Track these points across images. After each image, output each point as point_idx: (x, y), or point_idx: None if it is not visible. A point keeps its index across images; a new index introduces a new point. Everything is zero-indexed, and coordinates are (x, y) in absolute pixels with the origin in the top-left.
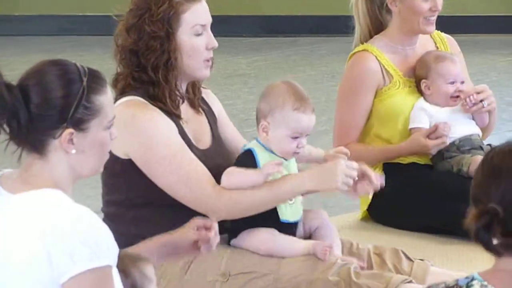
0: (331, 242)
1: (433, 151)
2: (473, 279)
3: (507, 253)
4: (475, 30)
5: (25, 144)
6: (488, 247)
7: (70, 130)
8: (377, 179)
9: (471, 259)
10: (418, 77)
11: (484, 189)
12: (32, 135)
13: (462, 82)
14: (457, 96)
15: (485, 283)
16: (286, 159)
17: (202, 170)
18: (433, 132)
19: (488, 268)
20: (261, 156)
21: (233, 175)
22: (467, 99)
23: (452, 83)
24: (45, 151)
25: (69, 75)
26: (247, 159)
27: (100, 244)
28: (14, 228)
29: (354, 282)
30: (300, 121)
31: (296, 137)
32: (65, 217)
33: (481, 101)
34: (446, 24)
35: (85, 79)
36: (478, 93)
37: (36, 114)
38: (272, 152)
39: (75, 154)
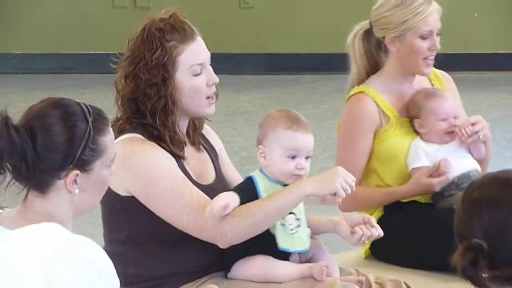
0: (327, 263)
1: (438, 189)
2: None
3: (495, 286)
4: (478, 67)
5: (28, 184)
6: (476, 283)
7: (76, 171)
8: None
9: None
10: (412, 117)
11: (466, 225)
12: (37, 176)
13: (455, 117)
14: (452, 132)
15: None
16: (287, 185)
17: (204, 199)
18: (435, 171)
19: None
20: (261, 183)
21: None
22: (462, 131)
23: (444, 119)
24: (48, 191)
25: (73, 118)
26: (247, 186)
27: (104, 274)
28: (14, 262)
29: None
30: (293, 139)
31: (293, 157)
32: (66, 246)
33: (476, 132)
34: (448, 61)
35: (90, 120)
36: (472, 124)
37: (43, 155)
38: (273, 181)
39: (77, 194)
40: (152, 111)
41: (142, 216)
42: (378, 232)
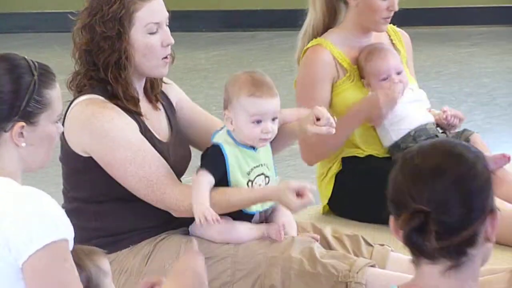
0: (284, 222)
1: (385, 110)
2: None
3: (438, 258)
4: (436, 22)
5: None
6: (422, 252)
7: (21, 123)
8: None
9: None
10: (360, 75)
11: (406, 191)
12: None
13: (398, 73)
14: (398, 92)
15: None
16: (255, 149)
17: (164, 171)
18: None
19: (407, 282)
20: (230, 153)
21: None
22: (449, 120)
23: (385, 79)
24: None
25: (19, 70)
26: (216, 156)
27: (54, 220)
28: None
29: (319, 261)
30: (256, 105)
31: (259, 121)
32: (15, 200)
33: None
34: (408, 16)
35: (36, 74)
36: (460, 119)
37: None
38: (241, 145)
39: (25, 147)
40: (105, 64)
41: (103, 176)
42: (310, 199)
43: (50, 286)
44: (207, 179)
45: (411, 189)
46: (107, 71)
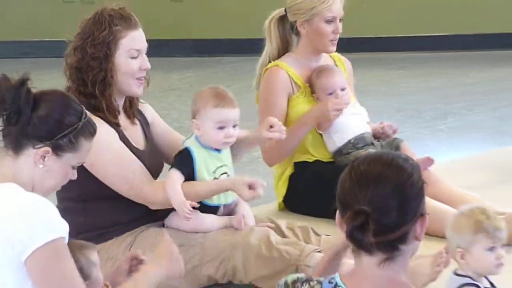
0: (244, 214)
1: (332, 114)
2: (336, 285)
3: (374, 252)
4: (369, 49)
5: (8, 138)
6: (361, 245)
7: (48, 149)
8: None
9: None
10: (312, 91)
11: (352, 194)
12: (19, 135)
13: (342, 89)
14: (345, 104)
15: (343, 282)
16: (220, 151)
17: (140, 170)
18: (336, 103)
19: (348, 271)
20: (198, 154)
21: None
22: (386, 130)
23: (331, 93)
24: (20, 153)
25: (72, 110)
26: (185, 157)
27: (52, 221)
28: None
29: (274, 246)
30: (220, 114)
31: (222, 128)
32: (20, 204)
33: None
34: (346, 44)
35: (82, 121)
36: (394, 131)
37: (33, 121)
38: (206, 147)
39: (41, 169)
40: (93, 81)
41: (88, 178)
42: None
43: (53, 279)
44: (178, 176)
45: (356, 192)
46: (94, 87)
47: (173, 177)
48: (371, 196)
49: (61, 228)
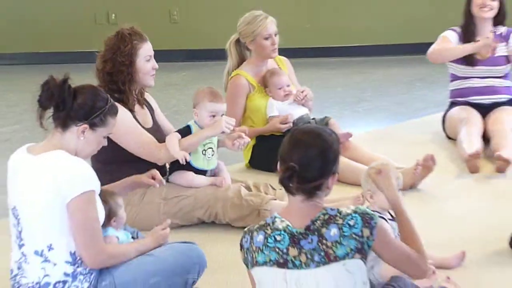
0: (224, 176)
1: (284, 130)
2: (275, 217)
3: (298, 194)
4: (310, 55)
5: (57, 121)
6: (288, 189)
7: (86, 126)
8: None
9: None
10: (265, 87)
11: (288, 153)
12: (65, 117)
13: (288, 85)
14: (287, 94)
15: (283, 219)
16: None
17: (149, 138)
18: (284, 120)
19: (284, 208)
20: (194, 130)
21: (171, 139)
22: (298, 96)
23: (280, 88)
24: (66, 129)
25: (100, 97)
26: (186, 130)
27: (86, 178)
28: (39, 176)
29: (243, 198)
30: (213, 107)
31: (214, 116)
32: (66, 163)
33: (305, 95)
34: (291, 52)
35: (108, 105)
36: (302, 91)
37: (75, 107)
38: (201, 128)
39: (81, 140)
40: (122, 81)
41: (112, 146)
42: (246, 140)
43: (82, 219)
44: (175, 135)
45: (290, 152)
46: (124, 85)
47: (172, 136)
48: (300, 157)
49: (93, 183)
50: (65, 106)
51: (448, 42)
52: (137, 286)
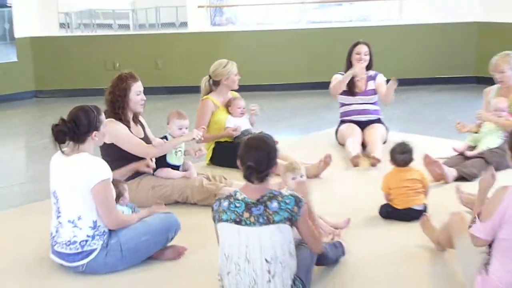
0: (192, 171)
1: (234, 137)
2: (236, 192)
3: (255, 181)
4: (252, 90)
5: (75, 140)
6: (249, 180)
7: (94, 132)
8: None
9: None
10: (227, 106)
11: (245, 155)
12: (78, 138)
13: (244, 107)
14: (242, 113)
15: (242, 193)
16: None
17: (139, 141)
18: (235, 129)
19: (243, 187)
20: (170, 138)
21: (162, 146)
22: (253, 106)
23: (239, 108)
24: (85, 141)
25: (87, 109)
26: (164, 137)
27: (103, 170)
28: (72, 172)
29: (204, 186)
30: (179, 122)
31: (180, 128)
32: (90, 162)
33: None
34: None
35: (95, 112)
36: (254, 105)
37: (81, 130)
38: (173, 137)
39: (95, 141)
40: (118, 107)
41: (115, 149)
42: (203, 152)
43: (103, 198)
44: (161, 140)
45: (246, 154)
46: (119, 110)
47: (161, 141)
48: (254, 158)
49: (108, 173)
50: (75, 135)
51: (336, 79)
52: (134, 242)
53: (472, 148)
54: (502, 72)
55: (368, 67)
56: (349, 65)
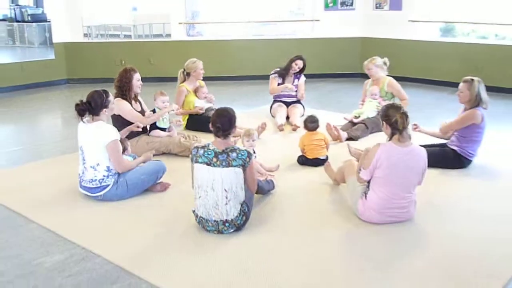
0: (174, 132)
1: (200, 113)
2: (209, 144)
3: (221, 137)
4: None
5: (91, 113)
6: (217, 136)
7: (106, 109)
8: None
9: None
10: (195, 92)
11: (216, 119)
12: (94, 113)
13: (207, 93)
14: (205, 97)
15: (213, 145)
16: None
17: (137, 113)
18: (200, 107)
19: (214, 141)
20: (157, 110)
21: (152, 116)
22: (209, 96)
23: (203, 93)
24: (99, 114)
25: (100, 93)
26: (154, 110)
27: (114, 132)
28: (92, 134)
29: (181, 142)
30: (163, 98)
31: (163, 102)
32: (104, 127)
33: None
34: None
35: (105, 96)
36: (210, 95)
37: (95, 108)
38: (160, 109)
39: (106, 114)
40: (124, 90)
41: (121, 119)
42: (181, 123)
43: (114, 152)
44: (150, 112)
45: (216, 119)
46: (126, 91)
47: (150, 113)
48: (221, 121)
49: (117, 135)
50: (91, 111)
51: (274, 80)
52: (135, 179)
53: (357, 117)
54: (370, 69)
55: (301, 72)
56: (289, 67)
